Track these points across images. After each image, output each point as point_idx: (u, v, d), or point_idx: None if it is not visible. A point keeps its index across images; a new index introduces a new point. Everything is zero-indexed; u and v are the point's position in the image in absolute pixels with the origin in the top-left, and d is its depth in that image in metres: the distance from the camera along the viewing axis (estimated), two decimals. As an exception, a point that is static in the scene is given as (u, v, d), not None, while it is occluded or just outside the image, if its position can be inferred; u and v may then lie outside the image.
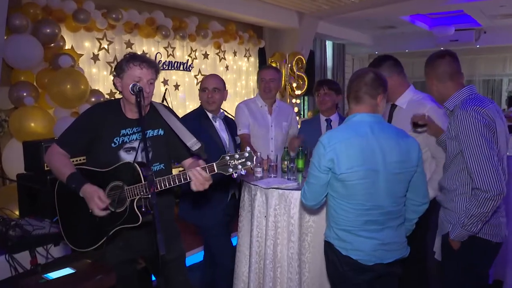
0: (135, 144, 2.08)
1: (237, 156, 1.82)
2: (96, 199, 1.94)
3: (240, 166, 1.81)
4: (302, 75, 7.36)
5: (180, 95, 5.91)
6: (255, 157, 1.83)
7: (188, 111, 5.72)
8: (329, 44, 9.79)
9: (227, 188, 2.96)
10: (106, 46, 4.91)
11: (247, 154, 1.81)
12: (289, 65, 7.18)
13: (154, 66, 2.05)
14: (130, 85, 1.95)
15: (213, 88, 2.94)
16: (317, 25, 7.54)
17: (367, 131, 1.96)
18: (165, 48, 5.62)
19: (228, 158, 1.82)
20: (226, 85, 6.73)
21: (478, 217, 1.99)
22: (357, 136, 1.95)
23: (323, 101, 3.36)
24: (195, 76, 6.09)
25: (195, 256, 3.85)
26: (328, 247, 2.10)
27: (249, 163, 1.81)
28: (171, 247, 2.14)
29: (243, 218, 2.81)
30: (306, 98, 8.64)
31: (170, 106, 5.31)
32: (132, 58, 2.02)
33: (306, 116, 7.99)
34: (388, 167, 1.95)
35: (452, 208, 2.13)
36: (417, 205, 2.12)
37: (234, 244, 3.03)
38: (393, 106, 2.69)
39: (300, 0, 6.36)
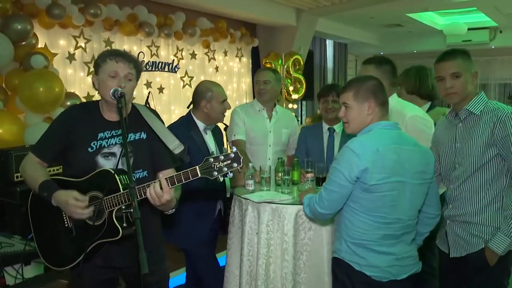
0: (115, 149, 2.11)
1: (222, 157, 1.83)
2: (72, 201, 1.97)
3: (226, 169, 1.82)
4: (300, 77, 7.45)
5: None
6: (242, 158, 1.84)
7: (173, 116, 5.82)
8: (329, 44, 9.92)
9: (215, 203, 3.03)
10: (83, 45, 4.96)
11: (233, 155, 1.82)
12: (285, 66, 7.27)
13: (132, 61, 2.09)
14: (111, 90, 2.00)
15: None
16: (316, 23, 7.65)
17: (394, 140, 2.09)
18: (148, 47, 5.68)
19: (212, 160, 1.83)
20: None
21: None
22: (387, 145, 2.06)
23: (331, 109, 3.31)
24: (181, 78, 6.15)
25: (176, 278, 3.88)
26: (337, 264, 2.17)
27: (235, 164, 1.81)
28: (154, 268, 2.18)
29: (233, 235, 2.87)
30: (304, 103, 8.72)
31: (154, 111, 5.39)
32: (108, 53, 2.09)
33: (304, 123, 8.06)
34: (413, 178, 2.08)
35: (481, 221, 2.22)
36: (431, 217, 2.27)
37: (221, 264, 3.09)
38: None
39: (298, -5, 6.48)
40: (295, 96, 7.42)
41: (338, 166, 2.08)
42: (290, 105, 7.50)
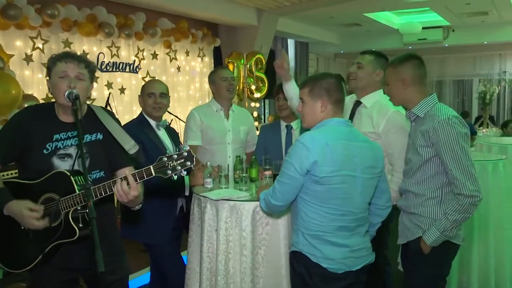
0: (70, 151, 2.11)
1: (175, 156, 1.87)
2: (26, 212, 1.97)
3: (179, 167, 1.86)
4: (262, 76, 7.50)
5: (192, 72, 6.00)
6: (195, 156, 1.88)
7: (135, 116, 5.77)
8: (291, 43, 10.02)
9: (175, 200, 3.05)
10: (40, 46, 4.86)
11: (186, 154, 1.86)
12: (248, 66, 7.31)
13: (82, 61, 2.09)
14: (66, 92, 2.00)
15: (160, 93, 3.03)
16: (277, 22, 7.72)
17: (345, 136, 2.17)
18: (108, 47, 5.62)
19: (165, 159, 1.86)
20: (178, 88, 6.77)
21: (459, 222, 2.23)
22: (337, 140, 2.13)
23: (283, 106, 3.37)
24: (143, 78, 6.10)
25: (140, 278, 3.88)
26: (295, 257, 2.23)
27: (189, 163, 1.86)
28: (114, 266, 2.18)
29: (193, 232, 2.89)
30: (266, 101, 8.80)
31: (115, 112, 5.34)
32: (58, 55, 2.09)
33: (266, 121, 8.13)
34: (363, 173, 2.17)
35: (422, 213, 2.34)
36: (381, 209, 2.38)
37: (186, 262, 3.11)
38: (357, 103, 2.94)
39: (258, -5, 6.53)
40: (257, 95, 7.47)
41: (290, 159, 2.15)
42: (253, 104, 7.55)
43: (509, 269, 3.77)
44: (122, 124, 2.98)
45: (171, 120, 5.25)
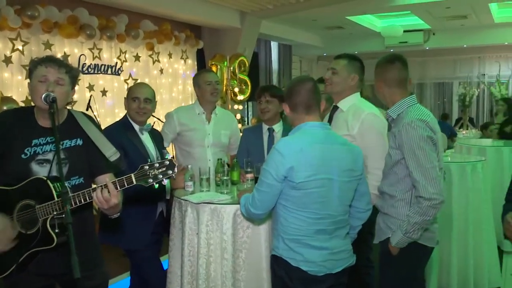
0: (49, 156, 2.08)
1: (157, 165, 1.87)
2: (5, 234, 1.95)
3: (161, 176, 1.87)
4: (245, 78, 7.50)
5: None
6: (176, 165, 1.89)
7: (118, 119, 5.71)
8: (274, 45, 10.04)
9: (155, 204, 3.02)
10: (20, 47, 4.78)
11: (167, 162, 1.87)
12: (231, 68, 7.30)
13: (63, 66, 2.07)
14: (43, 95, 1.97)
15: (144, 98, 3.00)
16: (260, 25, 7.73)
17: (321, 139, 2.16)
18: (90, 49, 5.56)
19: (147, 167, 1.87)
20: (161, 90, 6.71)
21: (420, 225, 2.22)
22: (313, 145, 2.13)
23: (265, 109, 3.34)
24: (125, 80, 6.05)
25: (120, 283, 3.84)
26: (275, 261, 2.23)
27: (170, 171, 1.87)
28: (93, 272, 2.17)
29: (174, 236, 2.87)
30: (249, 104, 8.80)
31: (96, 114, 5.28)
32: (39, 59, 2.07)
33: (250, 124, 8.13)
34: (340, 176, 2.16)
35: (393, 214, 2.36)
36: (361, 212, 2.37)
37: (166, 267, 3.08)
38: (335, 108, 2.96)
39: (241, -2, 6.53)
40: (240, 97, 7.46)
41: (266, 167, 2.15)
42: (236, 106, 7.55)
43: (487, 270, 3.82)
44: (104, 127, 2.98)
45: (154, 123, 5.21)
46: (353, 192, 2.27)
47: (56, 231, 1.97)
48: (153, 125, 3.27)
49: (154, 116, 5.31)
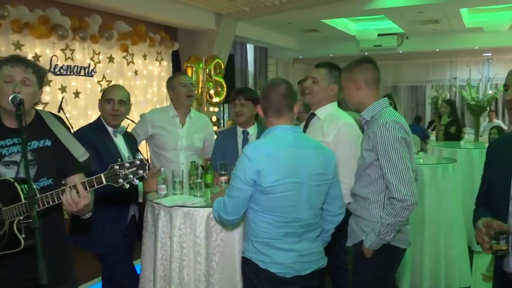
0: (17, 158, 2.03)
1: (127, 164, 1.83)
2: None
3: (131, 176, 1.83)
4: (221, 81, 7.49)
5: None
6: (147, 165, 1.86)
7: (91, 121, 5.62)
8: (250, 48, 10.05)
9: (127, 207, 2.98)
10: (-11, 48, 4.68)
11: (138, 162, 1.84)
12: (207, 70, 7.28)
13: (30, 65, 2.02)
14: (10, 97, 1.93)
15: (119, 100, 2.96)
16: (236, 27, 7.73)
17: (291, 143, 2.14)
18: (62, 50, 5.45)
19: (117, 167, 1.83)
20: (136, 92, 6.65)
21: (393, 226, 2.22)
22: (282, 148, 2.12)
23: (239, 112, 3.33)
24: (98, 82, 5.96)
25: (95, 287, 3.77)
26: (245, 263, 2.22)
27: (141, 171, 1.84)
28: (63, 277, 2.12)
29: (147, 240, 2.82)
30: (225, 106, 8.78)
31: (69, 116, 5.19)
32: (4, 59, 2.02)
33: (225, 126, 8.11)
34: (310, 179, 2.14)
35: (366, 216, 2.35)
36: (333, 215, 2.35)
37: (138, 271, 3.04)
38: (312, 115, 2.96)
39: (217, 0, 6.49)
40: (216, 100, 7.45)
41: (236, 171, 2.14)
42: (212, 109, 7.52)
43: (458, 270, 3.88)
44: (78, 128, 2.91)
45: (127, 125, 5.14)
46: (324, 196, 2.26)
47: (23, 236, 1.92)
48: (127, 128, 3.24)
49: (128, 119, 5.26)
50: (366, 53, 10.37)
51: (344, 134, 2.75)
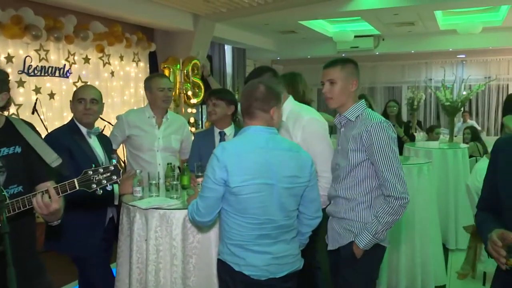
0: None
1: (101, 170, 1.83)
2: None
3: (105, 181, 1.83)
4: (199, 82, 7.44)
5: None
6: (121, 171, 1.86)
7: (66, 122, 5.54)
8: (228, 49, 10.02)
9: (104, 210, 2.94)
10: (-41, 48, 4.55)
11: (112, 168, 1.84)
12: (185, 71, 7.22)
13: None
14: None
15: (91, 99, 2.91)
16: (213, 28, 7.69)
17: (262, 144, 2.12)
18: (36, 51, 5.33)
19: (91, 173, 1.83)
20: (112, 93, 6.58)
21: (390, 224, 2.26)
22: (252, 149, 2.10)
23: (211, 112, 3.33)
24: (74, 83, 5.85)
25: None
26: (221, 265, 2.21)
27: (115, 177, 1.84)
28: (33, 282, 2.06)
29: (122, 243, 2.78)
30: (203, 107, 8.72)
31: (43, 118, 5.09)
32: None
33: (204, 127, 8.06)
34: (280, 181, 2.11)
35: (353, 217, 2.35)
36: (310, 219, 2.32)
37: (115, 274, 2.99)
38: None
39: (194, 1, 6.45)
40: (194, 101, 7.40)
41: (206, 172, 2.13)
42: (190, 110, 7.47)
43: (433, 267, 3.93)
44: (50, 131, 2.84)
45: (104, 127, 5.07)
46: (298, 198, 2.22)
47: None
48: (103, 129, 3.19)
49: (104, 120, 5.20)
50: (344, 54, 10.45)
51: (312, 131, 2.70)
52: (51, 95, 5.55)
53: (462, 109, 6.83)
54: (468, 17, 8.69)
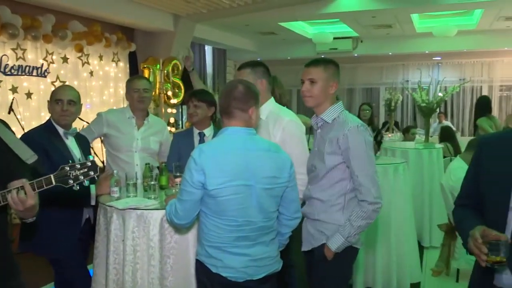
0: None
1: (78, 166, 1.81)
2: None
3: (82, 177, 1.81)
4: (179, 82, 7.40)
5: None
6: (99, 167, 1.84)
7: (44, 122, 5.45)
8: (208, 49, 9.99)
9: (80, 210, 2.90)
10: None
11: (89, 164, 1.82)
12: (165, 71, 7.17)
13: None
14: None
15: (68, 100, 2.87)
16: (194, 29, 7.66)
17: (240, 145, 2.10)
18: (13, 50, 5.25)
19: (68, 168, 1.81)
20: (91, 93, 6.51)
21: (363, 228, 2.26)
22: (230, 150, 2.07)
23: (192, 114, 3.30)
24: (52, 82, 5.77)
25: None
26: (200, 266, 2.18)
27: (92, 172, 1.82)
28: (6, 284, 2.02)
29: (99, 243, 2.74)
30: (183, 107, 8.68)
31: (20, 118, 5.00)
32: None
33: (184, 127, 8.02)
34: (259, 182, 2.09)
35: (325, 219, 2.35)
36: (289, 219, 2.30)
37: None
38: None
39: (175, 2, 6.42)
40: (174, 101, 7.36)
41: (184, 175, 2.11)
42: (169, 110, 7.42)
43: (408, 267, 3.97)
44: (27, 131, 2.79)
45: (82, 127, 5.00)
46: (277, 199, 2.20)
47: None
48: (81, 130, 3.15)
49: (83, 120, 5.12)
50: (323, 56, 10.52)
51: (291, 132, 2.71)
52: (28, 95, 5.46)
53: (438, 110, 6.92)
54: (443, 21, 8.84)
